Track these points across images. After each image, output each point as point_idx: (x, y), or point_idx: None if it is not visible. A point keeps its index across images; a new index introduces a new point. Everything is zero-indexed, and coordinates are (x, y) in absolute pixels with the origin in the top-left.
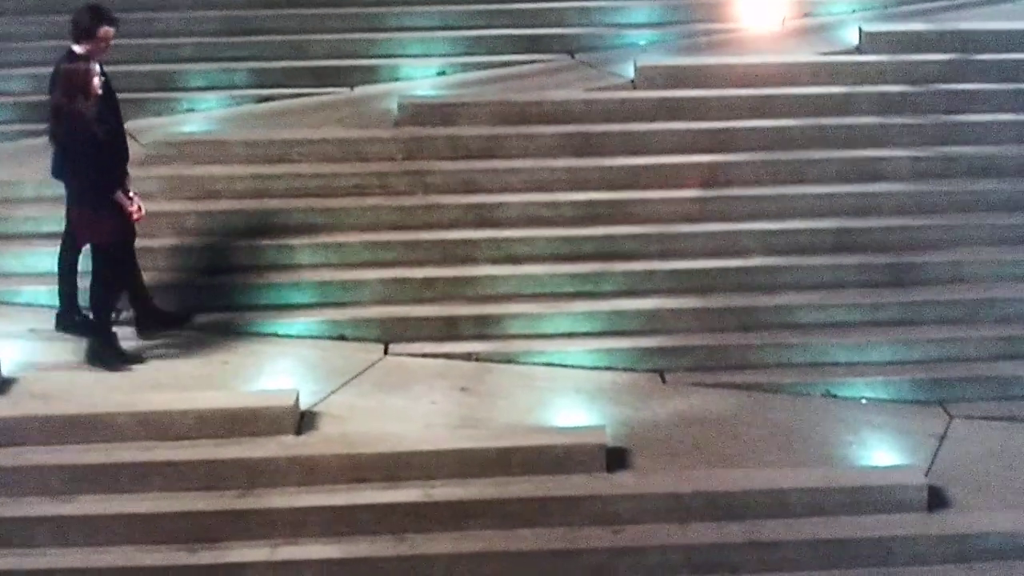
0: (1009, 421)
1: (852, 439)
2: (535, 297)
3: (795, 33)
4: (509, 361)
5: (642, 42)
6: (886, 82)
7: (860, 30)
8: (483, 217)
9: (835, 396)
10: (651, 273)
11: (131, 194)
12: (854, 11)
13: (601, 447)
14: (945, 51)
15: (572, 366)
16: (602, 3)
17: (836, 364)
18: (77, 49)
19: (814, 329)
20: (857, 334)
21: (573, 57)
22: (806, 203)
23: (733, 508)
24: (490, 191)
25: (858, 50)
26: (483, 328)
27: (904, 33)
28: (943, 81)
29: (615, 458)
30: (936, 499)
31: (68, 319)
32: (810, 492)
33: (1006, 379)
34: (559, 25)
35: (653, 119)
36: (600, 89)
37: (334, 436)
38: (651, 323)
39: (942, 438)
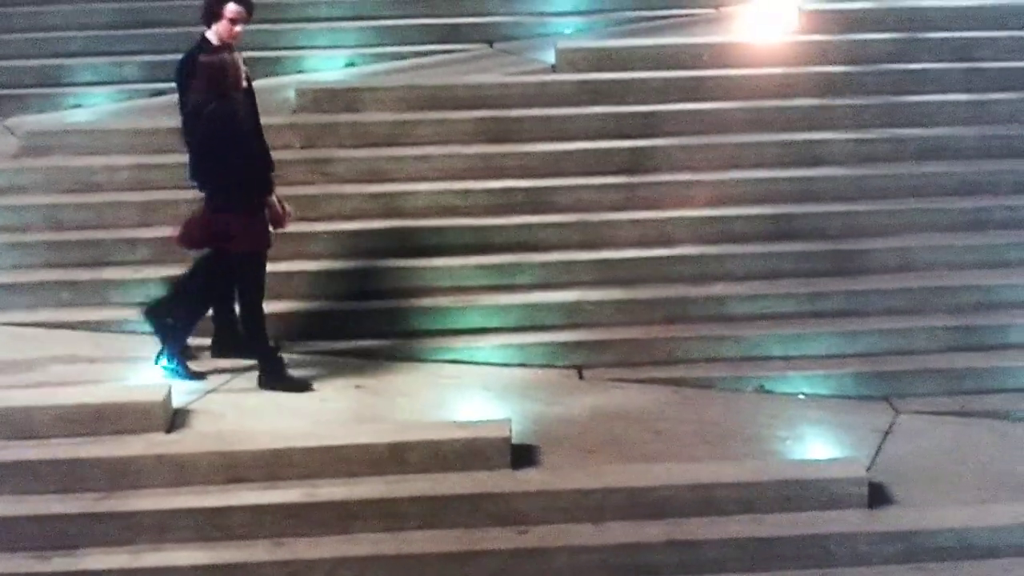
0: (960, 416)
1: (787, 435)
2: (444, 291)
3: (731, 17)
4: (413, 359)
5: (568, 31)
6: (828, 62)
7: (798, 9)
8: (389, 207)
9: (770, 391)
10: (571, 264)
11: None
12: None
13: (505, 441)
14: (892, 30)
15: (483, 363)
16: None
17: (771, 358)
18: (209, 35)
19: (748, 321)
20: (795, 326)
21: (492, 47)
22: (741, 189)
23: (653, 506)
24: (397, 180)
25: (798, 31)
26: (386, 324)
27: (847, 11)
28: (890, 61)
29: (522, 454)
30: (879, 495)
31: (228, 338)
32: (738, 487)
33: (958, 372)
34: (478, 14)
35: (574, 103)
36: (518, 73)
37: (209, 433)
38: (570, 317)
39: (886, 433)
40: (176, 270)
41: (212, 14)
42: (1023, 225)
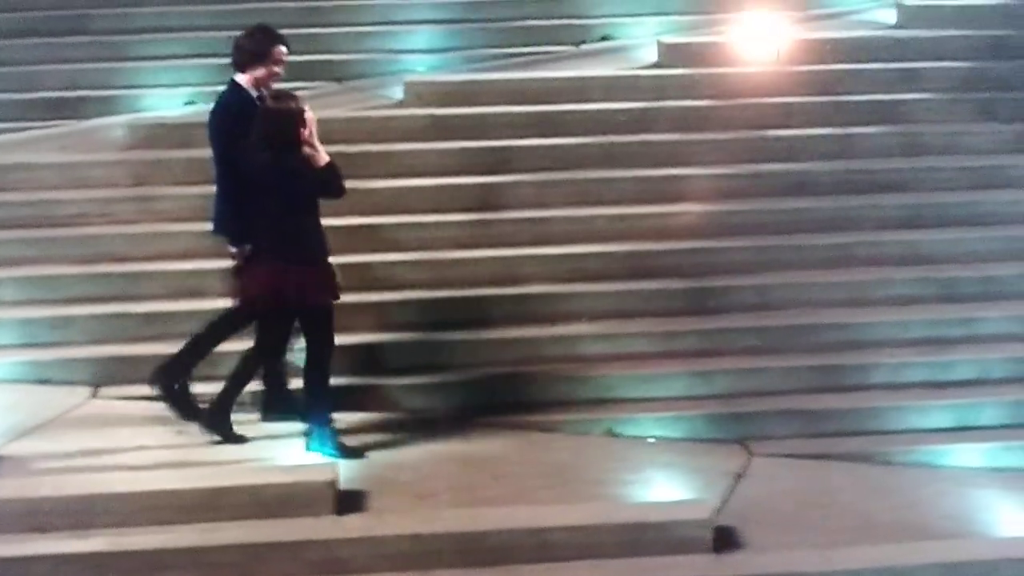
0: (819, 459)
1: (633, 478)
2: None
3: (591, 54)
4: (241, 404)
5: (421, 68)
6: (688, 97)
7: (659, 43)
8: (220, 246)
9: (619, 435)
10: (413, 303)
11: None
12: (657, 35)
13: (330, 485)
14: (754, 63)
15: None
16: (376, 28)
17: (623, 399)
18: (241, 79)
19: (599, 362)
20: (648, 366)
21: (341, 83)
22: (596, 226)
23: (486, 552)
24: None
25: (658, 65)
26: (213, 367)
27: (709, 45)
28: (753, 95)
29: (349, 500)
30: (726, 539)
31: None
32: (577, 531)
33: (817, 413)
34: (328, 52)
35: (422, 138)
36: (364, 108)
37: (9, 483)
38: (408, 358)
39: (739, 476)
40: None
41: (258, 56)
42: (887, 262)
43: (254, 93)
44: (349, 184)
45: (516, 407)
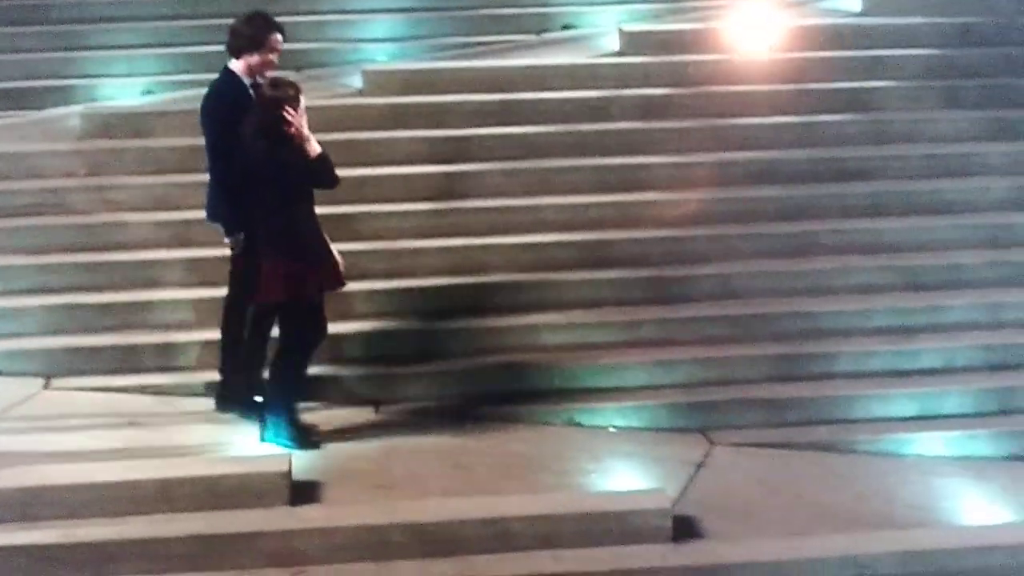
0: (782, 448)
1: (594, 468)
2: None
3: (553, 43)
4: (196, 395)
5: (382, 57)
6: (650, 85)
7: (620, 31)
8: (178, 236)
9: (580, 424)
10: (373, 294)
11: None
12: (620, 23)
13: (284, 476)
14: (718, 51)
15: None
16: (337, 16)
17: (584, 389)
18: (234, 66)
19: (561, 351)
20: (610, 356)
21: (299, 72)
22: (557, 215)
23: (443, 542)
24: (187, 208)
25: (619, 53)
26: (167, 359)
27: (671, 33)
28: (716, 82)
29: (305, 491)
30: (685, 529)
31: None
32: (535, 521)
33: (781, 402)
34: (286, 41)
35: (382, 127)
36: (322, 97)
37: None
38: (368, 349)
39: (699, 466)
40: None
41: (253, 43)
42: (850, 250)
43: (248, 81)
44: None
45: (477, 397)
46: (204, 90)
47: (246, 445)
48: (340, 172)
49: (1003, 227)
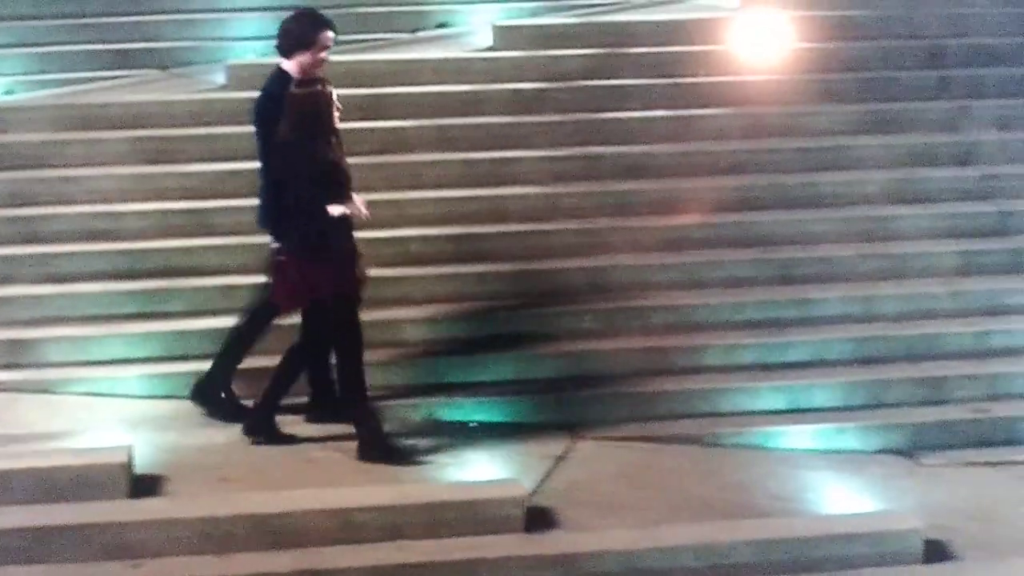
0: (648, 442)
1: (450, 461)
2: (84, 319)
3: (426, 40)
4: (44, 391)
5: (250, 55)
6: (522, 80)
7: (493, 27)
8: (30, 232)
9: (439, 419)
10: (231, 289)
11: None
12: (494, 21)
13: (122, 468)
14: (592, 46)
15: (124, 395)
16: (203, 15)
17: (445, 384)
18: (287, 66)
19: (423, 346)
20: (472, 350)
21: (166, 71)
22: (422, 209)
23: (285, 534)
24: (40, 203)
25: (491, 49)
26: (14, 355)
27: (543, 27)
28: (589, 77)
29: (146, 484)
30: (540, 520)
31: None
32: (383, 512)
33: (646, 396)
34: (152, 40)
35: (243, 122)
36: (186, 92)
37: None
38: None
39: (559, 459)
40: None
41: (302, 42)
42: (720, 244)
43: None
44: (165, 168)
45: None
46: (63, 89)
47: (91, 438)
48: (199, 167)
49: (876, 220)
